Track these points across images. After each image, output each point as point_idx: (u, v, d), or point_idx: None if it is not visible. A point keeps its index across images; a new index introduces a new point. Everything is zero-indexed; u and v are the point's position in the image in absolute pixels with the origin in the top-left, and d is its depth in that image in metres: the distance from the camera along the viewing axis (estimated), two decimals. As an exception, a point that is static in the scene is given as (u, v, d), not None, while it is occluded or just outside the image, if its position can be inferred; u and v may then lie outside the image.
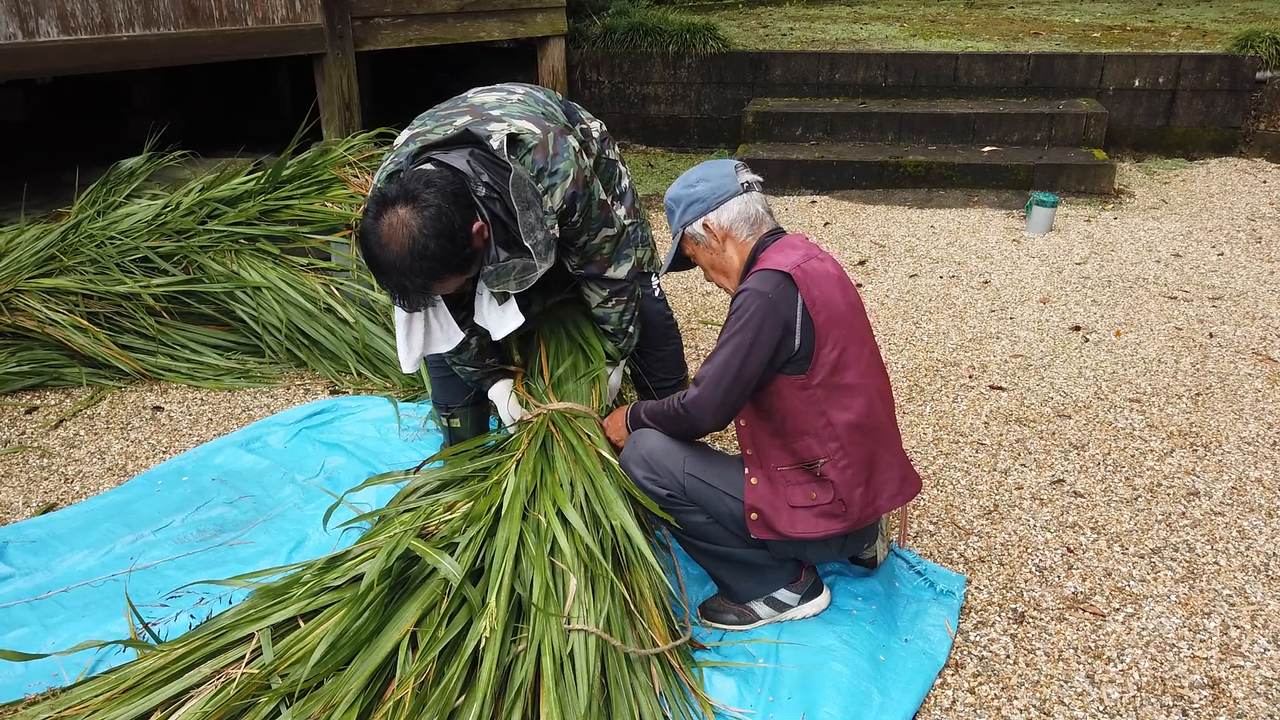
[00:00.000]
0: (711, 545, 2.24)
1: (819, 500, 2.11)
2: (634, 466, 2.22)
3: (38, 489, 3.03)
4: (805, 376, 2.06)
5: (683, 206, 2.22)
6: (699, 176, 2.23)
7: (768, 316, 2.03)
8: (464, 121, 2.23)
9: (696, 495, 2.17)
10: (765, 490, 2.14)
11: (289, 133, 4.31)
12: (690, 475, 2.17)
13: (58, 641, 2.31)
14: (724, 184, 2.20)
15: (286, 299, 3.71)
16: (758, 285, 2.05)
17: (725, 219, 2.18)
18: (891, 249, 5.05)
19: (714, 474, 2.18)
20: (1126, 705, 2.12)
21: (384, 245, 2.06)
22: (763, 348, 2.04)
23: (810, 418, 2.09)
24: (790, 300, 2.04)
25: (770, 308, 2.03)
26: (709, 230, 2.20)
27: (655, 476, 2.19)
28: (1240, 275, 4.61)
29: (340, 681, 1.88)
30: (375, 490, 2.85)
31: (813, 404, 2.08)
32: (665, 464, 2.18)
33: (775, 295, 2.03)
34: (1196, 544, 2.67)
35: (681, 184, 2.25)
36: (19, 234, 3.87)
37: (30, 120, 7.08)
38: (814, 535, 2.12)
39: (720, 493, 2.16)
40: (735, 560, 2.25)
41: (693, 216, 2.21)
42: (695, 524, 2.22)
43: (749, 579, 2.28)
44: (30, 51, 4.26)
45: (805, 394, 2.07)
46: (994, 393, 3.53)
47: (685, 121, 7.21)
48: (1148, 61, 6.46)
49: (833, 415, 2.08)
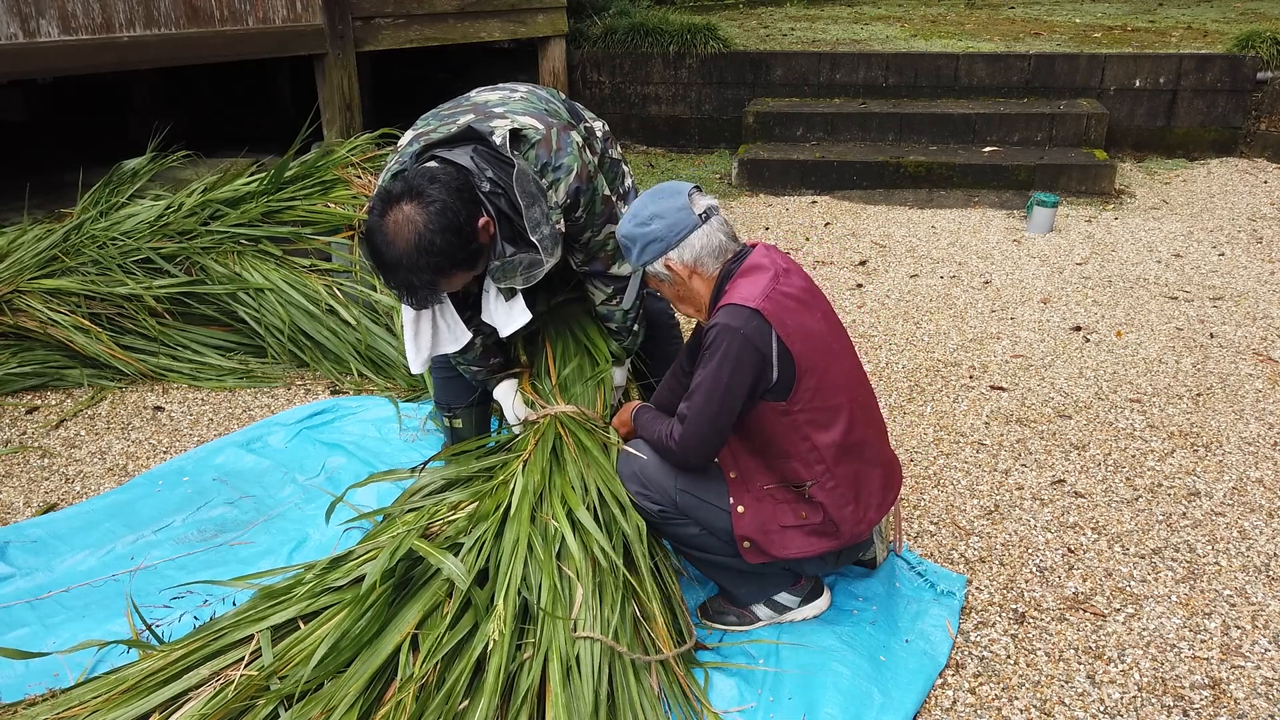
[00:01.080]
0: (709, 555, 2.24)
1: (809, 520, 2.10)
2: (627, 481, 2.22)
3: (39, 489, 3.04)
4: (786, 403, 2.03)
5: (639, 245, 2.10)
6: (652, 213, 2.08)
7: (743, 352, 1.98)
8: (467, 119, 2.24)
9: (690, 510, 2.16)
10: (753, 516, 2.11)
11: (290, 133, 4.31)
12: (683, 491, 2.16)
13: (58, 641, 2.31)
14: (680, 218, 2.07)
15: (289, 300, 3.71)
16: (729, 320, 1.99)
17: (688, 256, 2.09)
18: (892, 249, 5.05)
19: (707, 489, 2.15)
20: (1127, 706, 2.12)
21: (390, 242, 2.06)
22: (740, 383, 2.00)
23: (794, 441, 2.06)
24: (764, 333, 1.99)
25: (744, 342, 1.97)
26: (671, 269, 2.11)
27: (647, 492, 2.18)
28: (1241, 275, 4.61)
29: (340, 684, 1.88)
30: (376, 490, 2.85)
31: (795, 429, 2.05)
32: (658, 479, 2.18)
33: (748, 330, 1.98)
34: (1197, 544, 2.67)
35: (632, 221, 2.11)
36: (21, 234, 3.87)
37: (31, 120, 7.09)
38: (808, 554, 2.11)
39: (715, 508, 2.14)
40: (733, 568, 2.25)
41: (652, 256, 2.10)
42: (690, 536, 2.20)
43: (749, 584, 2.28)
44: (31, 52, 4.26)
45: (787, 419, 2.05)
46: (995, 393, 3.53)
47: (686, 122, 7.21)
48: (1148, 62, 6.46)
49: (816, 438, 2.06)
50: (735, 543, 2.14)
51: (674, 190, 2.12)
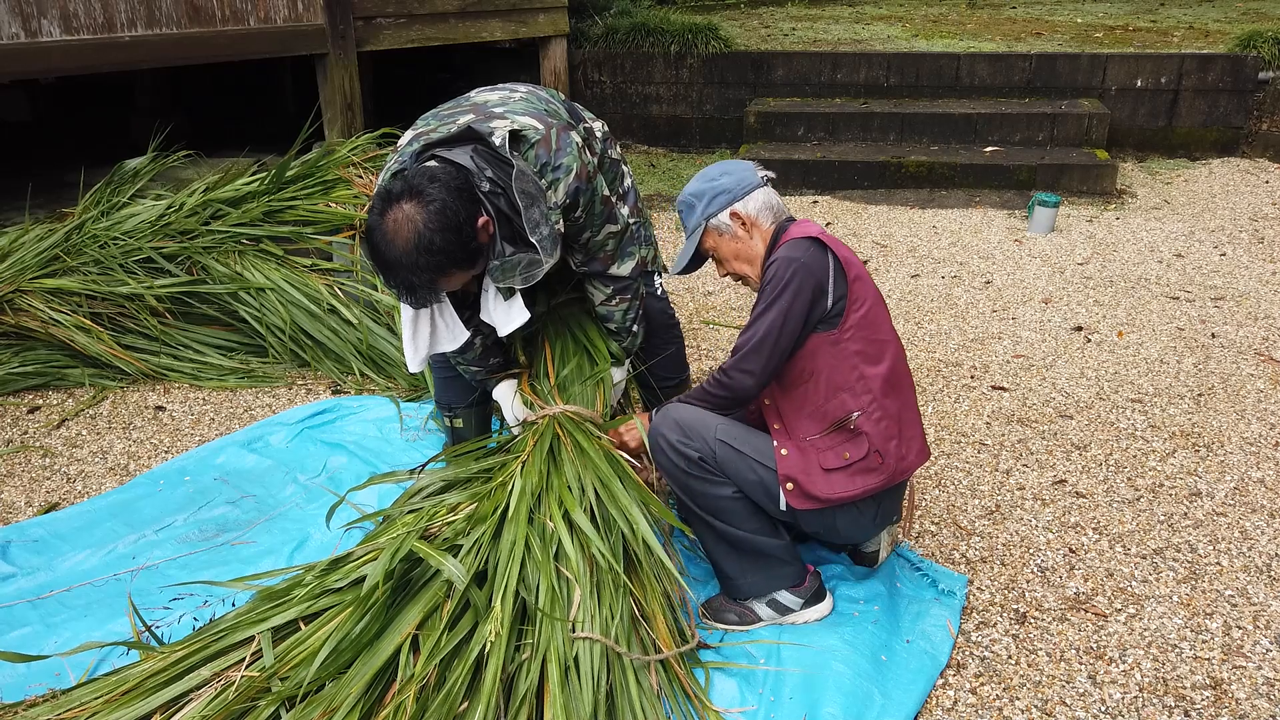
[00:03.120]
0: (728, 527, 2.23)
1: (853, 458, 2.16)
2: (666, 430, 2.23)
3: (40, 488, 3.04)
4: (837, 332, 2.14)
5: (706, 199, 2.27)
6: (721, 170, 2.29)
7: (803, 279, 2.10)
8: (467, 119, 2.24)
9: (726, 462, 2.19)
10: (797, 458, 2.18)
11: (292, 133, 4.31)
12: (721, 441, 2.20)
13: (60, 641, 2.31)
14: (747, 176, 2.28)
15: (290, 300, 3.72)
16: (789, 253, 2.13)
17: (752, 207, 2.25)
18: (893, 249, 5.05)
19: (745, 442, 2.21)
20: (1128, 706, 2.12)
21: (389, 241, 2.06)
22: (799, 310, 2.12)
23: (844, 371, 2.15)
24: (821, 261, 2.13)
25: (804, 270, 2.10)
26: (736, 218, 2.26)
27: (687, 440, 2.20)
28: (1242, 276, 4.61)
29: (341, 685, 1.88)
30: (377, 490, 2.85)
31: (845, 359, 2.15)
32: (697, 428, 2.21)
33: (807, 259, 2.11)
34: (1198, 545, 2.66)
35: (702, 179, 2.30)
36: (23, 234, 3.87)
37: (33, 120, 7.10)
38: (852, 494, 2.15)
39: (751, 460, 2.19)
40: (746, 548, 2.25)
41: (719, 207, 2.26)
42: (717, 498, 2.21)
43: (756, 571, 2.27)
44: (33, 52, 4.26)
45: (838, 349, 2.15)
46: (996, 393, 3.53)
47: (687, 122, 7.21)
48: (1150, 62, 6.46)
49: (865, 369, 2.16)
50: (774, 487, 2.18)
51: (738, 161, 2.34)
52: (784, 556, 2.27)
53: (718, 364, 3.77)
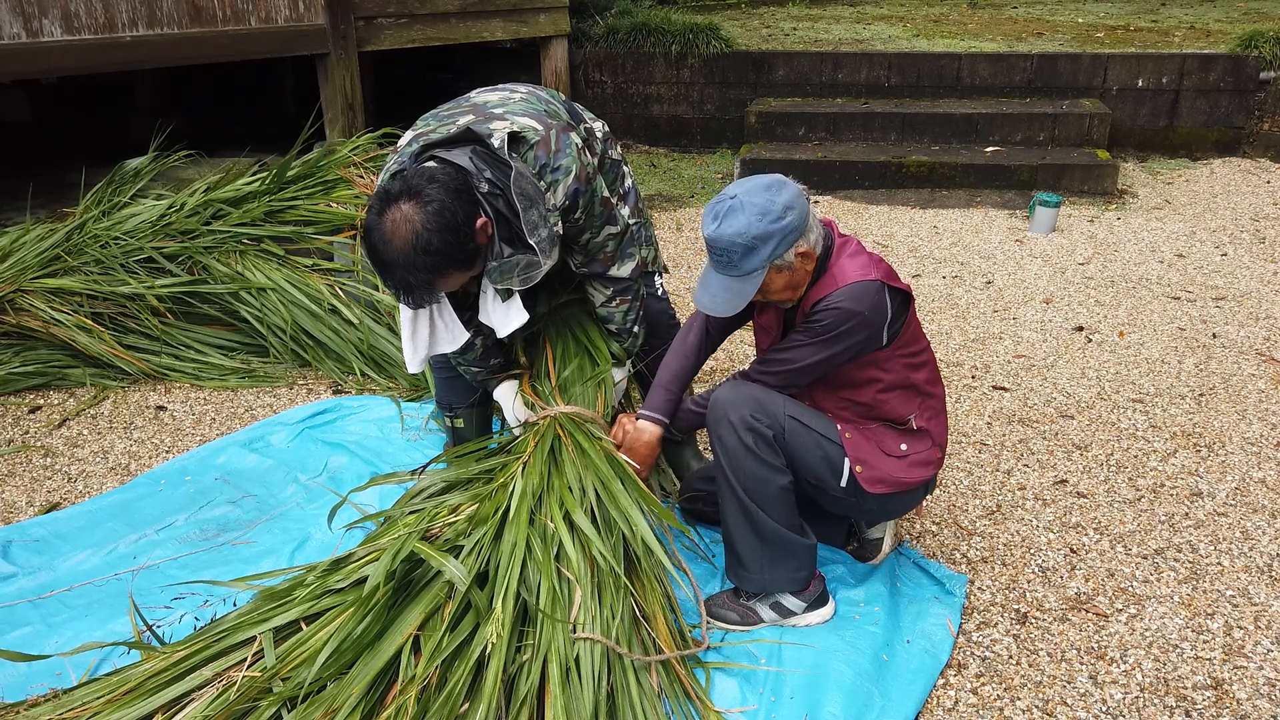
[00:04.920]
0: (765, 516, 2.20)
1: (911, 450, 2.26)
2: (740, 405, 2.20)
3: (41, 488, 3.04)
4: (888, 350, 2.20)
5: (774, 241, 2.04)
6: (784, 205, 2.04)
7: (859, 330, 2.12)
8: (466, 120, 2.24)
9: (794, 438, 2.20)
10: (861, 441, 2.24)
11: (293, 132, 4.31)
12: (791, 418, 2.21)
13: (61, 641, 2.31)
14: (805, 205, 2.10)
15: (291, 300, 3.72)
16: (852, 304, 2.10)
17: (812, 239, 2.12)
18: (894, 249, 5.05)
19: (811, 418, 2.24)
20: (1129, 706, 2.12)
21: (388, 241, 2.06)
22: (846, 356, 2.16)
23: (893, 375, 2.22)
24: (881, 309, 2.12)
25: (864, 324, 2.11)
26: (801, 255, 2.11)
27: (760, 416, 2.19)
28: (1244, 276, 4.61)
29: (343, 685, 1.88)
30: (378, 490, 2.85)
31: (894, 369, 2.22)
32: (768, 405, 2.21)
33: (870, 312, 2.11)
34: (1200, 545, 2.66)
35: (765, 219, 2.03)
36: (24, 234, 3.87)
37: (34, 120, 7.10)
38: (924, 478, 2.28)
39: (818, 435, 2.22)
40: (774, 542, 2.22)
41: (787, 247, 2.07)
42: (768, 483, 2.18)
43: (775, 568, 2.25)
44: (34, 51, 4.26)
45: (887, 362, 2.21)
46: (997, 393, 3.53)
47: (688, 122, 7.21)
48: (1151, 61, 6.46)
49: (911, 375, 2.24)
50: (839, 463, 2.22)
51: (780, 181, 2.11)
52: (805, 558, 2.26)
53: (718, 364, 3.77)
